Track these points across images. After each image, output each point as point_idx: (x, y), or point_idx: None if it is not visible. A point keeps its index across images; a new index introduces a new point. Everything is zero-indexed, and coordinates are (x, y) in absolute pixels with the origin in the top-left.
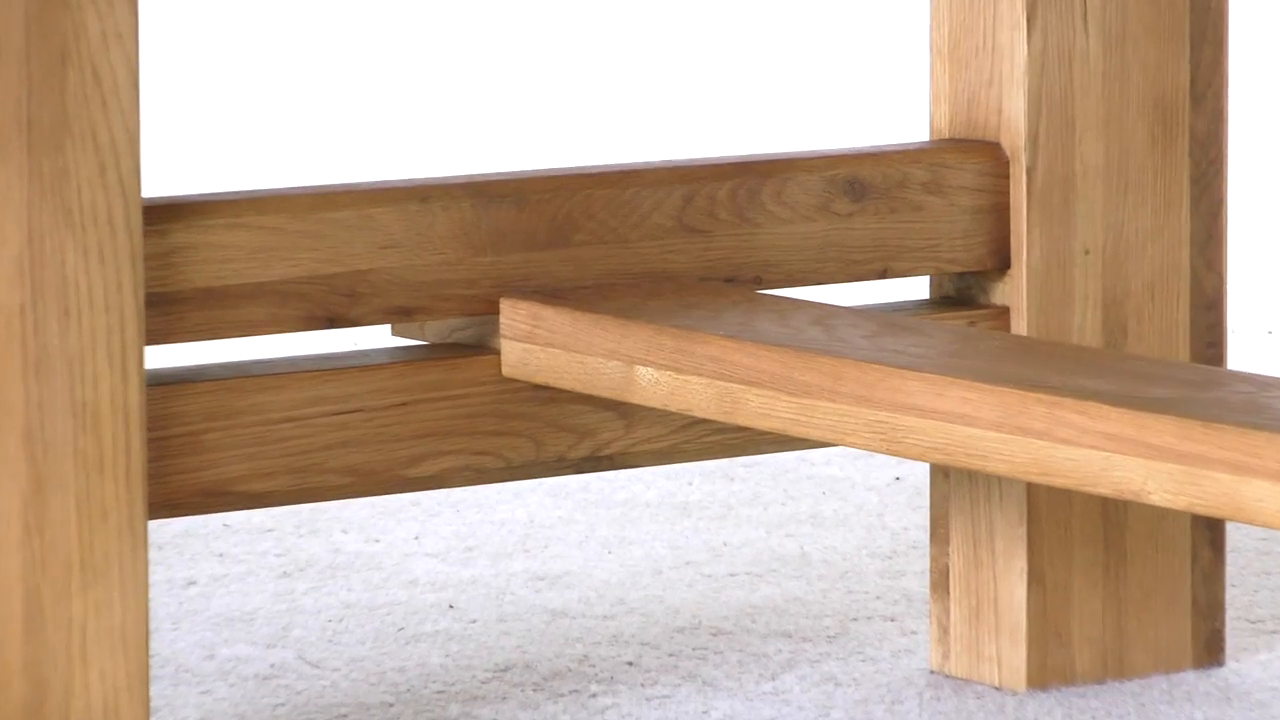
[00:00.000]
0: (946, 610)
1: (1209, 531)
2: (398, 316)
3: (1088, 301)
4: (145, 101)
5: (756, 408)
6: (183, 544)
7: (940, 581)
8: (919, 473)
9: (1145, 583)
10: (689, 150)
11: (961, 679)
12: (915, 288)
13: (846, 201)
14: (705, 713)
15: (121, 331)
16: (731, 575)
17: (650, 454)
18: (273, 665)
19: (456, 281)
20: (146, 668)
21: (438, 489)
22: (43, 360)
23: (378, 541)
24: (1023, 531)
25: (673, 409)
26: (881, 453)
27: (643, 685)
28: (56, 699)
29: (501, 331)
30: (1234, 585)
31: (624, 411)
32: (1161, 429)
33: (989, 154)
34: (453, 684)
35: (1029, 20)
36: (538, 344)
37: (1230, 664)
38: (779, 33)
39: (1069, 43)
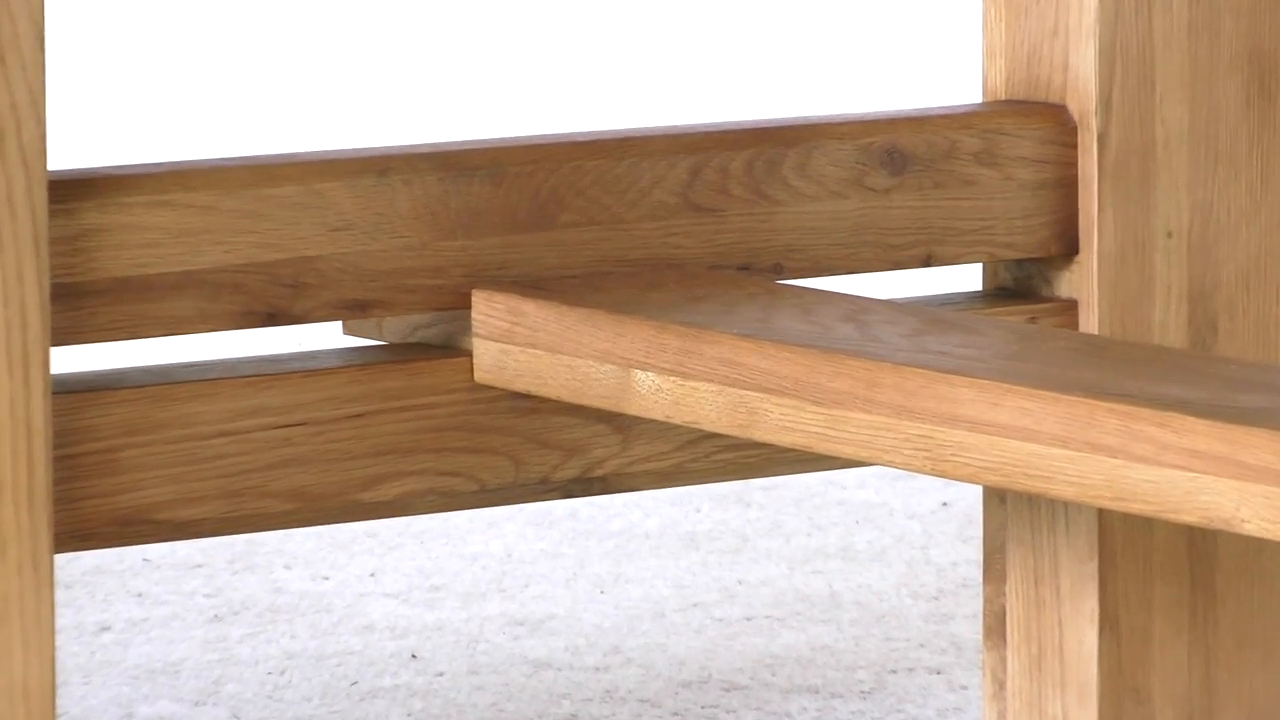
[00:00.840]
0: (1003, 661)
1: None
2: (351, 311)
3: (1170, 294)
4: (53, 59)
5: (777, 420)
6: (95, 582)
7: (995, 626)
8: (970, 497)
9: (1239, 628)
10: (697, 114)
11: None
12: (965, 277)
13: (884, 175)
14: None
15: (23, 329)
16: (748, 619)
17: (650, 475)
18: None
19: (421, 270)
20: None
21: (398, 516)
22: None
23: (327, 579)
24: (1093, 567)
25: (677, 421)
26: (925, 473)
27: None
28: None
29: (474, 329)
30: None
31: (620, 424)
32: (1257, 445)
33: (1053, 118)
34: None
35: None
36: (517, 344)
37: None
38: None
39: None
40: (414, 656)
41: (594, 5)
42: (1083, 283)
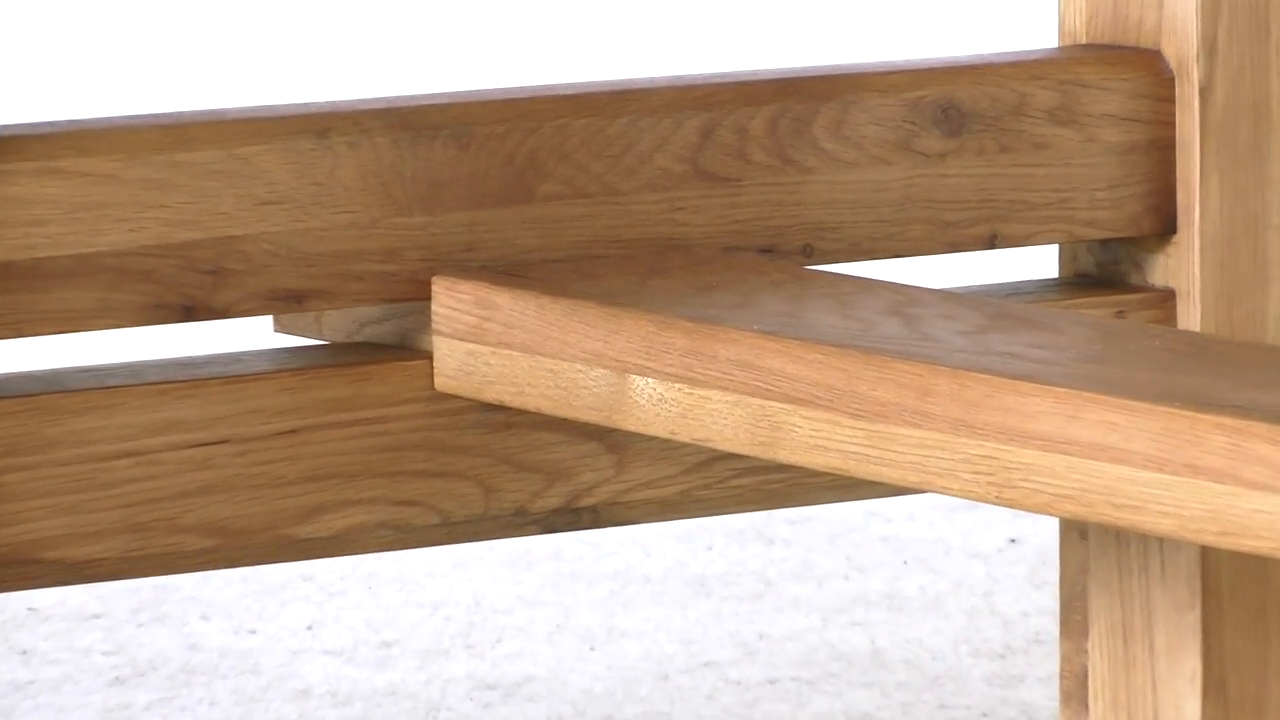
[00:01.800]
0: None
1: None
2: (284, 304)
3: None
4: None
5: (806, 437)
6: None
7: (1076, 690)
8: (1043, 532)
9: None
10: (708, 63)
11: None
12: (1038, 261)
13: (938, 136)
14: None
15: None
16: (771, 682)
17: (651, 505)
18: None
19: (369, 252)
20: None
21: (342, 555)
22: None
23: (254, 633)
24: (1195, 618)
25: (684, 439)
26: (989, 502)
27: None
28: None
29: (434, 326)
30: None
31: (614, 443)
32: None
33: (1145, 67)
34: None
35: None
36: (488, 344)
37: None
38: None
39: None
40: None
41: None
42: (1181, 269)
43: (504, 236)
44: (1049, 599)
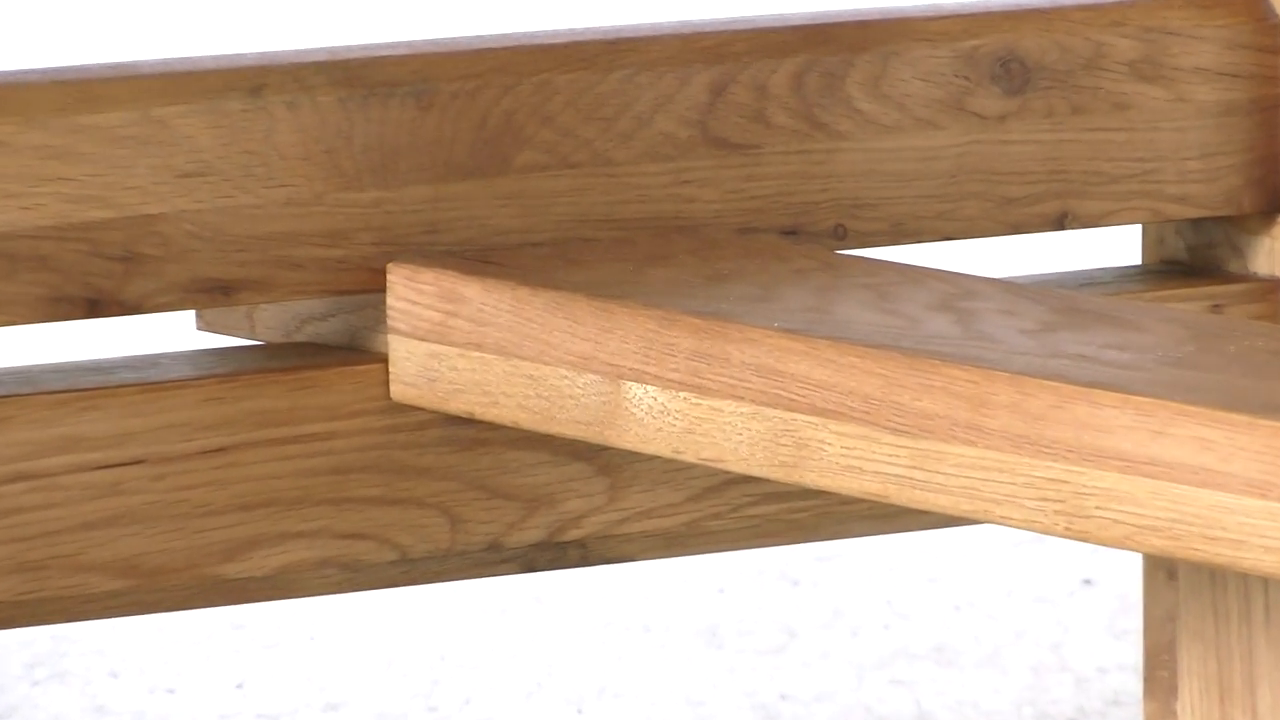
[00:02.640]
0: None
1: None
2: (209, 296)
3: None
4: None
5: (838, 457)
6: None
7: None
8: (1123, 572)
9: None
10: (720, 6)
11: None
12: (1117, 245)
13: (997, 94)
14: None
15: None
16: None
17: (652, 539)
18: None
19: (312, 235)
20: None
21: (278, 599)
22: None
23: (172, 692)
24: None
25: (690, 459)
26: (1057, 535)
27: None
28: None
29: (390, 323)
30: None
31: (606, 463)
32: None
33: (1246, 12)
34: None
35: None
36: (455, 344)
37: None
38: None
39: None
40: None
41: None
42: None
43: (474, 215)
44: (1130, 652)
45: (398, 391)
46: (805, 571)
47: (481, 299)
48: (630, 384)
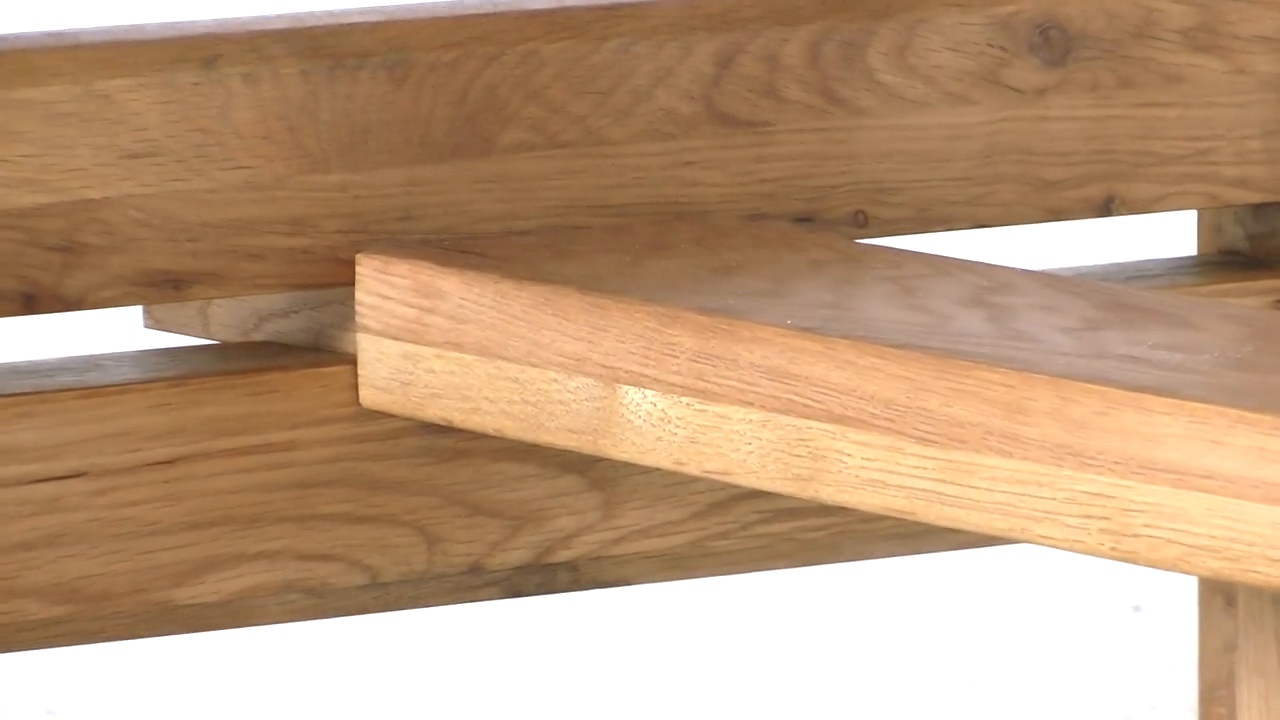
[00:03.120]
0: None
1: None
2: (158, 291)
3: None
4: None
5: (858, 469)
6: None
7: None
8: (1175, 597)
9: None
10: None
11: None
12: (1169, 234)
13: (1035, 66)
14: None
15: None
16: None
17: (650, 560)
18: None
19: (273, 222)
20: None
21: (236, 627)
22: None
23: None
24: None
25: (694, 471)
26: (1102, 556)
27: None
28: None
29: (360, 320)
30: None
31: (600, 477)
32: None
33: None
34: None
35: None
36: (431, 344)
37: None
38: None
39: None
40: None
41: None
42: None
43: (453, 201)
44: (1184, 687)
45: (368, 396)
46: (821, 597)
47: (461, 293)
48: (627, 388)
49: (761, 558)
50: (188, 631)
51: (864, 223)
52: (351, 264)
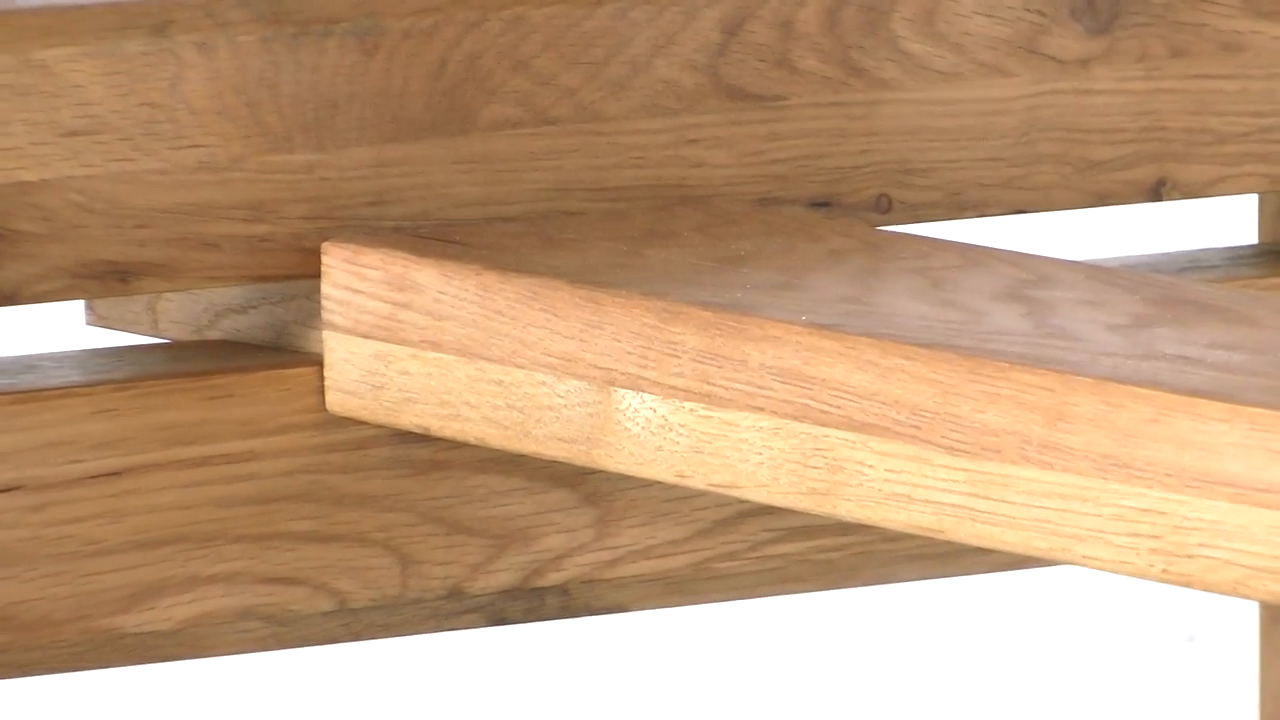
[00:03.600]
0: None
1: None
2: (102, 283)
3: None
4: None
5: (880, 483)
6: None
7: None
8: (1235, 627)
9: None
10: None
11: None
12: (1227, 220)
13: (1078, 33)
14: None
15: None
16: None
17: (650, 584)
18: None
19: (229, 207)
20: None
21: (190, 658)
22: None
23: None
24: None
25: (698, 485)
26: (1153, 579)
27: None
28: None
29: (326, 316)
30: None
31: (594, 491)
32: None
33: None
34: None
35: None
36: (406, 343)
37: None
38: None
39: None
40: None
41: None
42: None
43: (430, 183)
44: None
45: (335, 401)
46: (840, 625)
47: (439, 287)
48: (624, 392)
49: (773, 581)
50: (135, 663)
51: (888, 208)
52: (317, 253)
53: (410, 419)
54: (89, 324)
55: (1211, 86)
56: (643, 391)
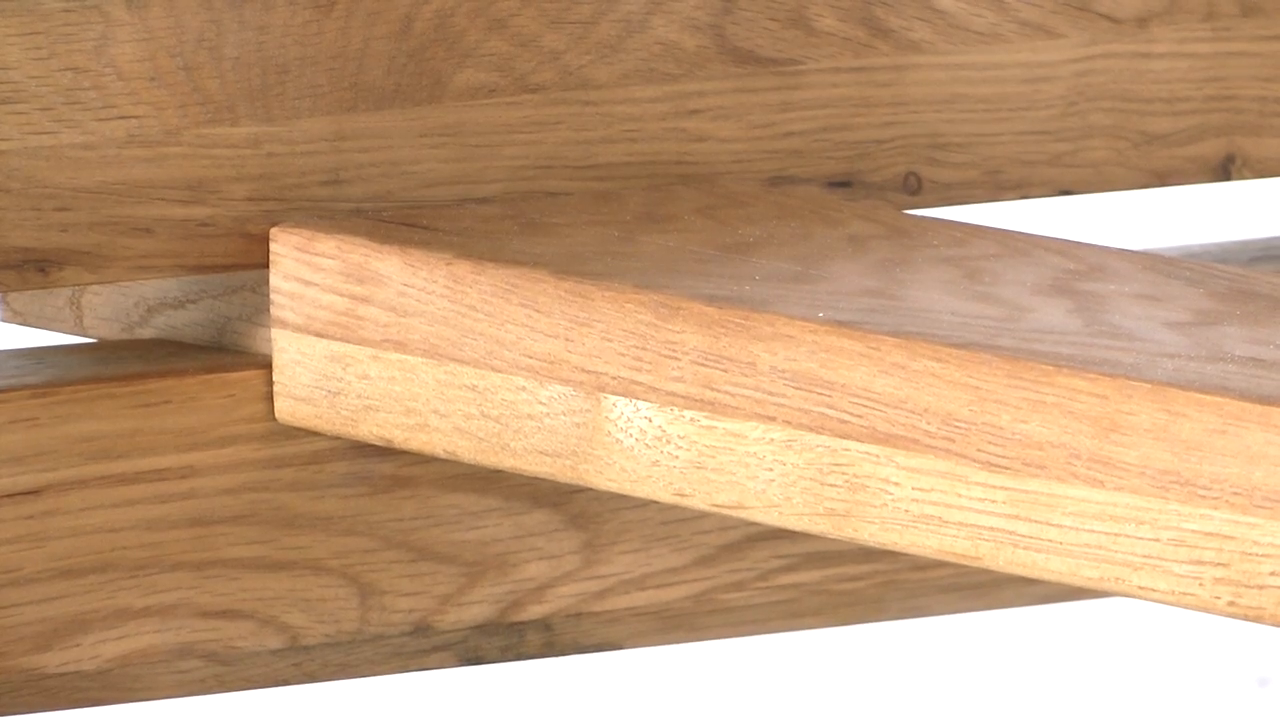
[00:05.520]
0: None
1: None
2: (17, 274)
3: None
4: None
5: (906, 503)
6: None
7: None
8: None
9: None
10: None
11: None
12: None
13: None
14: None
15: None
16: None
17: (644, 618)
18: None
19: (164, 186)
20: None
21: (120, 702)
22: None
23: None
24: None
25: (700, 505)
26: (1219, 614)
27: None
28: None
29: (275, 313)
30: None
31: (581, 513)
32: None
33: None
34: None
35: None
36: (366, 342)
37: None
38: None
39: None
40: None
41: None
42: None
43: (393, 160)
44: None
45: (285, 409)
46: (863, 664)
47: (404, 278)
48: (615, 399)
49: (785, 615)
50: (58, 707)
51: (917, 188)
52: (264, 240)
53: (371, 429)
54: (4, 320)
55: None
56: (637, 398)
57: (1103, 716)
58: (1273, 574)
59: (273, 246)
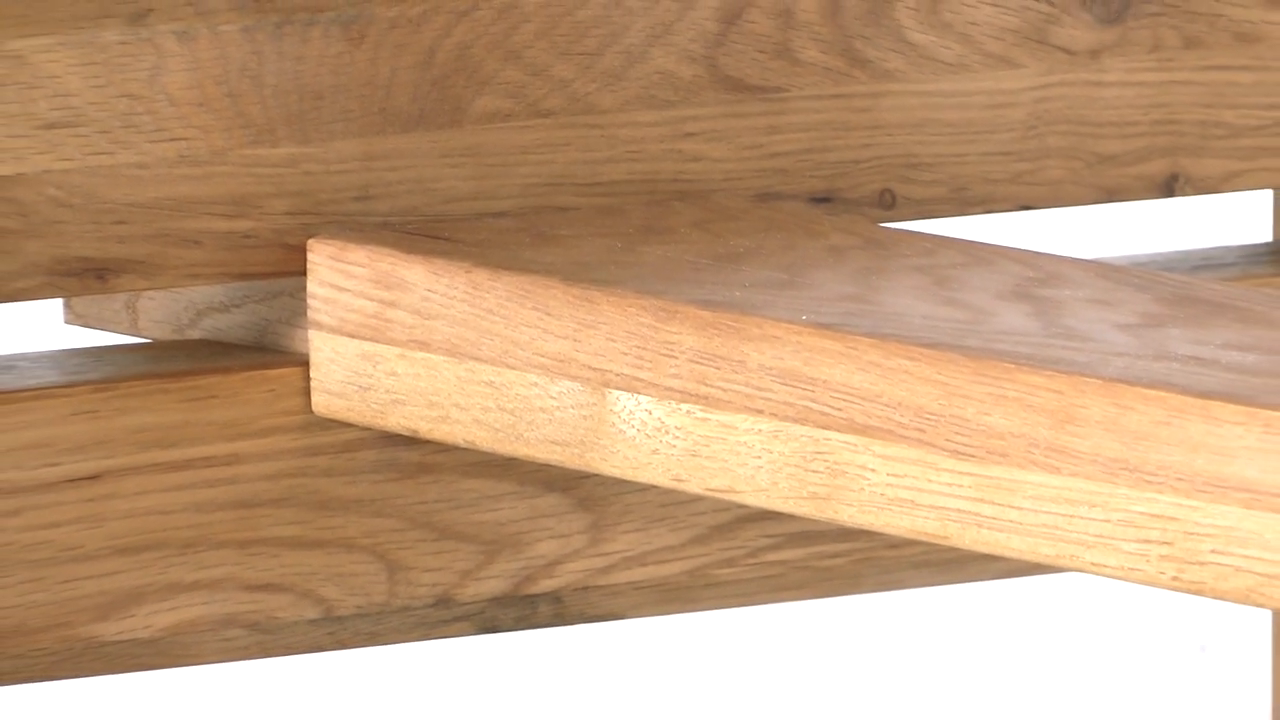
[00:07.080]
0: None
1: None
2: (79, 281)
3: None
4: None
5: (881, 487)
6: None
7: None
8: (1249, 637)
9: None
10: None
11: None
12: (1242, 217)
13: (1088, 22)
14: None
15: None
16: None
17: (646, 591)
18: None
19: (211, 202)
20: None
21: (170, 667)
22: None
23: None
24: None
25: (695, 489)
26: (1163, 588)
27: None
28: None
29: (311, 315)
30: None
31: (588, 496)
32: None
33: None
34: None
35: None
36: (394, 343)
37: None
38: None
39: None
40: None
41: None
42: None
43: (418, 178)
44: None
45: (320, 403)
46: (839, 633)
47: (428, 284)
48: (618, 394)
49: (772, 588)
50: (115, 672)
51: (891, 203)
52: (301, 250)
53: (398, 421)
54: (67, 323)
55: (1226, 78)
56: (638, 393)
57: (1060, 679)
58: (1212, 551)
59: (309, 256)
